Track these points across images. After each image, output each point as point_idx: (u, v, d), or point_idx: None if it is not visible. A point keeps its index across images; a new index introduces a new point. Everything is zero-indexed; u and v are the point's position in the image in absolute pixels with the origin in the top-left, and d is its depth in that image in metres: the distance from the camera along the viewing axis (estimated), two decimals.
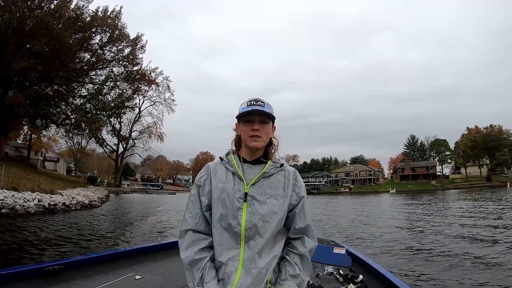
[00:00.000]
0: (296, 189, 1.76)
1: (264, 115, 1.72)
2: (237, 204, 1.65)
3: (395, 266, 7.97)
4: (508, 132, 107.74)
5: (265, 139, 1.75)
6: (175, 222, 17.04)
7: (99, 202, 28.94)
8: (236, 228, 1.63)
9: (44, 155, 67.59)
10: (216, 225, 1.67)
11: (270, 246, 1.65)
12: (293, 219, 1.74)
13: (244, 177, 1.71)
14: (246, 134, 1.73)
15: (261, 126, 1.72)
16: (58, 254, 8.68)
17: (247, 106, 1.72)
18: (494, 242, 10.62)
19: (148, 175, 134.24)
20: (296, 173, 1.81)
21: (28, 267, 2.87)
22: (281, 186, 1.72)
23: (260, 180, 1.71)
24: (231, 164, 1.75)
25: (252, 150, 1.76)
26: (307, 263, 1.69)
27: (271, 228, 1.64)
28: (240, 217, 1.63)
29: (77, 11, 38.26)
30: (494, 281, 6.51)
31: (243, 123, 1.75)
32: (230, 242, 1.63)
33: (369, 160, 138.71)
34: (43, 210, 18.48)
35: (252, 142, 1.71)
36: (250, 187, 1.68)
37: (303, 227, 1.73)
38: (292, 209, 1.74)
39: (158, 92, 60.88)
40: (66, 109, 43.83)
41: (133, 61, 45.72)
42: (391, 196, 65.18)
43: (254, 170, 1.74)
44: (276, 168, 1.75)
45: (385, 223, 17.66)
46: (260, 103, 1.72)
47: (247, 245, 1.62)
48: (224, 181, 1.72)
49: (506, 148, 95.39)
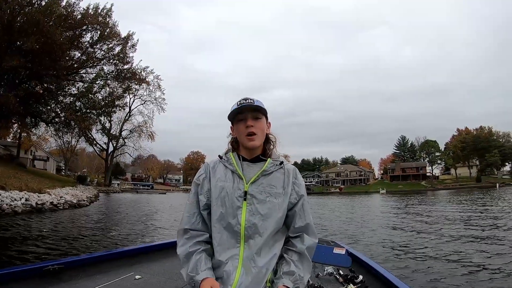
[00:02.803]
0: (296, 188, 1.75)
1: (256, 110, 1.72)
2: (236, 203, 1.64)
3: (395, 265, 8.04)
4: (498, 134, 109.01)
5: (261, 135, 1.74)
6: (162, 223, 17.01)
7: (87, 202, 28.80)
8: (235, 227, 1.62)
9: (34, 154, 66.68)
10: (216, 225, 1.66)
11: (270, 245, 1.65)
12: (293, 218, 1.73)
13: (244, 176, 1.70)
14: (242, 133, 1.72)
15: (255, 122, 1.71)
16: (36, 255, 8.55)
17: (237, 105, 1.71)
18: (491, 241, 10.80)
19: (139, 174, 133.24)
20: (296, 171, 1.80)
21: (28, 267, 2.87)
22: (280, 184, 1.71)
23: (259, 178, 1.70)
24: (231, 163, 1.74)
25: (250, 149, 1.75)
26: (306, 261, 1.68)
27: (270, 227, 1.64)
28: (239, 216, 1.63)
29: (68, 8, 37.81)
30: (493, 281, 6.58)
31: (236, 123, 1.75)
32: (229, 241, 1.63)
33: (360, 160, 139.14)
34: (30, 209, 18.41)
35: (249, 142, 1.71)
36: (250, 186, 1.67)
37: (303, 225, 1.72)
38: (292, 207, 1.73)
39: (148, 91, 60.35)
40: (55, 108, 43.45)
41: (123, 59, 45.49)
42: (382, 196, 65.58)
43: (254, 168, 1.73)
44: (276, 166, 1.74)
45: (378, 223, 17.80)
46: (249, 100, 1.71)
47: (247, 244, 1.62)
48: (224, 179, 1.71)
49: (496, 150, 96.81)
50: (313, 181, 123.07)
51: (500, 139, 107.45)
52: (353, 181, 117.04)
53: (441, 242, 10.96)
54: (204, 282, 1.51)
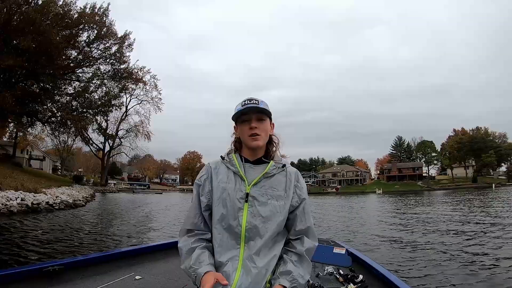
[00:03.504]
0: (297, 191, 1.75)
1: (260, 112, 1.71)
2: (238, 205, 1.64)
3: (392, 261, 8.08)
4: (494, 134, 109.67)
5: (265, 136, 1.74)
6: (155, 224, 16.97)
7: (83, 202, 28.63)
8: (236, 228, 1.62)
9: (30, 154, 66.56)
10: (217, 226, 1.66)
11: (269, 246, 1.64)
12: (294, 220, 1.73)
13: (246, 177, 1.70)
14: (245, 134, 1.72)
15: (259, 124, 1.71)
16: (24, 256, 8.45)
17: (242, 106, 1.71)
18: (490, 240, 10.78)
19: (135, 174, 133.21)
20: (298, 174, 1.80)
21: (28, 268, 2.85)
22: (282, 187, 1.71)
23: (261, 180, 1.70)
24: (233, 164, 1.74)
25: (253, 150, 1.75)
26: (305, 261, 1.67)
27: (271, 229, 1.63)
28: (240, 218, 1.63)
29: (65, 7, 37.89)
30: (493, 280, 6.57)
31: (240, 124, 1.75)
32: (230, 243, 1.63)
33: (356, 160, 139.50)
34: (26, 209, 18.28)
35: (252, 142, 1.70)
36: (252, 188, 1.67)
37: (304, 228, 1.72)
38: (293, 210, 1.72)
39: (145, 91, 60.47)
40: (52, 107, 43.37)
41: (120, 59, 45.58)
42: (378, 196, 65.65)
43: (256, 170, 1.73)
44: (278, 169, 1.74)
45: (375, 222, 17.81)
46: (254, 101, 1.71)
47: (247, 245, 1.61)
48: (226, 181, 1.70)
49: (492, 150, 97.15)
50: (310, 181, 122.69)
51: (496, 139, 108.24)
52: (349, 181, 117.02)
53: (442, 242, 10.91)
54: (207, 274, 1.50)
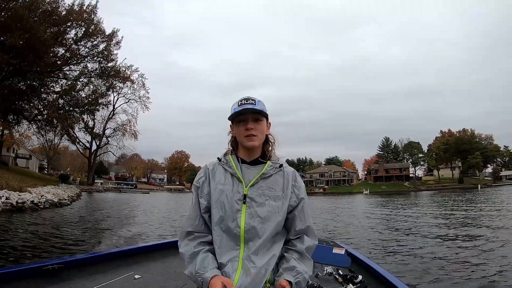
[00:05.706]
0: (295, 190, 1.74)
1: (256, 112, 1.71)
2: (236, 206, 1.64)
3: (391, 265, 8.11)
4: (480, 136, 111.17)
5: (261, 137, 1.74)
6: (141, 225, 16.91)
7: (69, 201, 28.48)
8: (235, 230, 1.62)
9: (16, 152, 65.43)
10: (215, 228, 1.66)
11: (268, 246, 1.64)
12: (293, 220, 1.73)
13: (243, 179, 1.69)
14: (241, 134, 1.71)
15: (255, 125, 1.70)
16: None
17: (238, 106, 1.70)
18: (486, 240, 10.95)
19: (123, 173, 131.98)
20: (295, 174, 1.79)
21: (28, 266, 2.91)
22: (280, 187, 1.71)
23: (259, 181, 1.69)
24: (230, 165, 1.74)
25: (249, 150, 1.75)
26: (306, 259, 1.68)
27: (269, 230, 1.63)
28: (239, 219, 1.62)
29: (53, 4, 37.57)
30: (489, 279, 6.66)
31: (236, 124, 1.74)
32: (229, 244, 1.63)
33: (344, 161, 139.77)
34: (11, 208, 18.15)
35: (248, 142, 1.70)
36: (249, 189, 1.67)
37: (303, 228, 1.72)
38: (291, 210, 1.72)
39: (133, 90, 59.74)
40: (38, 105, 42.89)
41: (108, 57, 45.36)
42: (365, 196, 66.35)
43: (253, 171, 1.73)
44: (275, 169, 1.74)
45: (363, 222, 18.04)
46: (251, 101, 1.70)
47: (246, 246, 1.61)
48: (223, 182, 1.70)
49: (478, 152, 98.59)
50: None
51: (483, 141, 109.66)
52: (337, 181, 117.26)
53: (436, 242, 11.06)
54: (215, 278, 1.48)
